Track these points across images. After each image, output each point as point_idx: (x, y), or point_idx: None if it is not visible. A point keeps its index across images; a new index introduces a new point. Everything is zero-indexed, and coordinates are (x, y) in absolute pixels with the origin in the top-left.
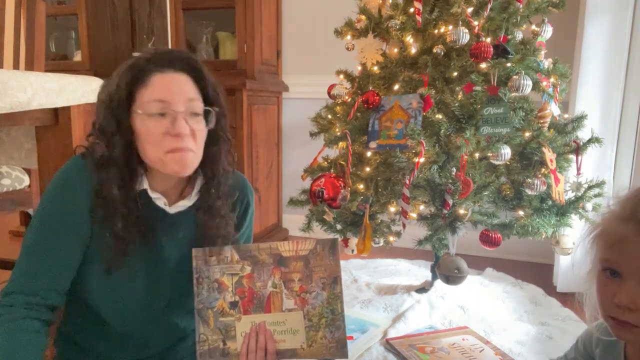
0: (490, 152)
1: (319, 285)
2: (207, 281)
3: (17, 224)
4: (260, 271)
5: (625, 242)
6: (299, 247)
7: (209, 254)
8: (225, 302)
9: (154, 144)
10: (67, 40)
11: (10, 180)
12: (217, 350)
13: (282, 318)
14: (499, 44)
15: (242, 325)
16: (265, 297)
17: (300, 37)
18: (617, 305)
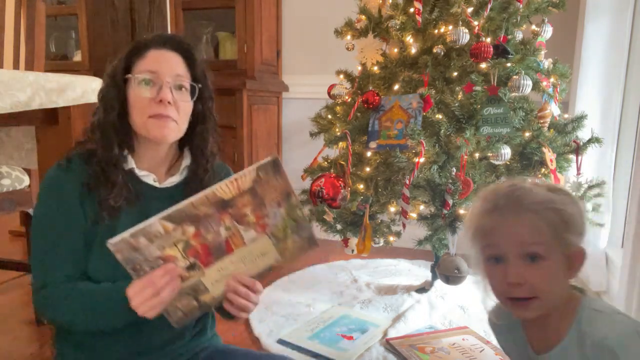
0: (490, 152)
1: (273, 205)
2: (146, 263)
3: (17, 224)
4: (206, 225)
5: (497, 230)
6: (239, 183)
7: (134, 239)
8: (180, 270)
9: (140, 109)
10: (67, 40)
11: (10, 180)
12: (194, 309)
13: (247, 250)
14: (499, 44)
15: (210, 277)
16: (223, 243)
17: (300, 37)
18: (508, 285)
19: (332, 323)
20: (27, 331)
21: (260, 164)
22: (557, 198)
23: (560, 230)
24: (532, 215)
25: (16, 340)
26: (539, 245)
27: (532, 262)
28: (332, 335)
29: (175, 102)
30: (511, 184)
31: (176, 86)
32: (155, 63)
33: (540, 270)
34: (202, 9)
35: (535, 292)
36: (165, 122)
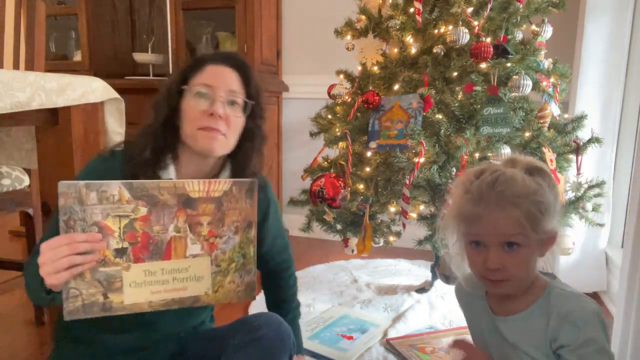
0: (490, 152)
1: (231, 229)
2: (81, 224)
3: (17, 224)
4: (159, 213)
5: (482, 219)
6: (211, 187)
7: (86, 190)
8: (108, 250)
9: (191, 120)
10: (67, 40)
11: (10, 180)
12: (95, 305)
13: (185, 264)
14: (499, 44)
15: (132, 275)
16: (164, 243)
17: (300, 37)
18: (487, 269)
19: (332, 323)
20: (27, 331)
21: (238, 180)
22: (536, 187)
23: (538, 220)
24: (514, 209)
25: (16, 340)
26: (519, 236)
27: (510, 249)
28: (332, 335)
29: (226, 117)
30: (493, 171)
31: (229, 101)
32: (212, 78)
33: (517, 257)
34: (202, 9)
35: (509, 276)
36: (215, 135)
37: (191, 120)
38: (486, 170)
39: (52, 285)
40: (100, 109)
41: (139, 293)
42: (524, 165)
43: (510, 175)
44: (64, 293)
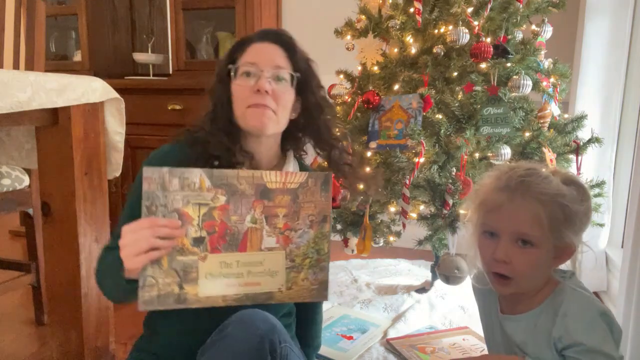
0: (490, 152)
1: (306, 223)
2: (162, 210)
3: (17, 224)
4: (237, 203)
5: (501, 208)
6: (287, 179)
7: (169, 176)
8: (187, 238)
9: (239, 99)
10: (67, 40)
11: (10, 180)
12: (171, 296)
13: (260, 258)
14: (499, 44)
15: (208, 266)
16: (241, 234)
17: (300, 37)
18: (495, 260)
19: (332, 323)
20: (27, 331)
21: (313, 172)
22: (567, 193)
23: (560, 225)
24: (537, 205)
25: (16, 340)
26: (534, 233)
27: (522, 246)
28: (332, 335)
29: (273, 92)
30: (529, 168)
31: (275, 77)
32: (256, 55)
33: (527, 255)
34: (202, 9)
35: (514, 273)
36: (263, 111)
37: (239, 100)
38: (523, 166)
39: (130, 270)
40: (100, 109)
41: (214, 286)
42: (564, 175)
43: (545, 175)
44: (141, 281)
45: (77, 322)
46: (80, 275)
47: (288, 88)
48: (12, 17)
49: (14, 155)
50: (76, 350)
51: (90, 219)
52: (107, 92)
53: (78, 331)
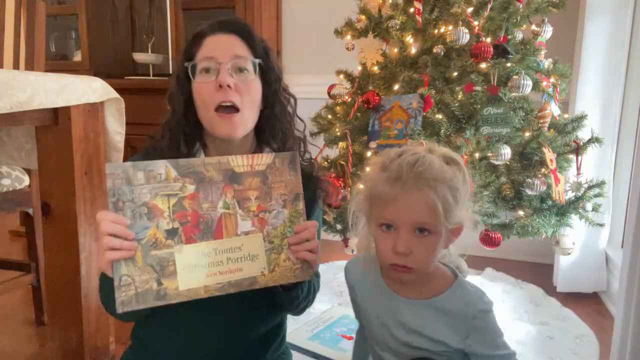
0: (490, 152)
1: (279, 202)
2: (130, 206)
3: (17, 224)
4: (207, 190)
5: (396, 201)
6: (254, 161)
7: (133, 170)
8: (159, 231)
9: (203, 102)
10: (67, 40)
11: (10, 180)
12: (149, 294)
13: (238, 243)
14: (499, 44)
15: (185, 257)
16: (215, 221)
17: (300, 37)
18: (396, 253)
19: (332, 323)
20: (27, 331)
21: (279, 152)
22: (452, 174)
23: (451, 207)
24: (431, 192)
25: (16, 340)
26: (431, 221)
27: (420, 234)
28: (332, 335)
29: (236, 86)
30: (415, 153)
31: (236, 68)
32: (212, 49)
33: (425, 243)
34: (202, 9)
35: (415, 263)
36: (230, 119)
37: (203, 102)
38: (407, 151)
39: (101, 269)
40: (100, 109)
41: (194, 277)
42: (441, 153)
43: (429, 159)
44: (116, 281)
45: (77, 322)
46: (80, 275)
47: (252, 77)
48: (12, 17)
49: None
50: (76, 350)
51: (90, 219)
52: (107, 92)
53: (78, 331)
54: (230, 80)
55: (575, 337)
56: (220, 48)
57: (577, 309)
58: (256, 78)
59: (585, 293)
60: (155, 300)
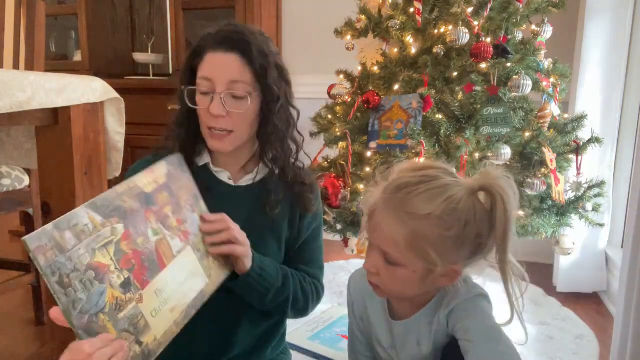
0: (490, 152)
1: (187, 209)
2: (76, 276)
3: (17, 224)
4: (134, 223)
5: (372, 218)
6: (155, 175)
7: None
8: (115, 289)
9: (200, 117)
10: (67, 40)
11: (10, 180)
12: (137, 358)
13: (179, 265)
14: (499, 44)
15: (147, 303)
16: (154, 252)
17: (300, 37)
18: (367, 272)
19: (332, 323)
20: (27, 331)
21: (167, 158)
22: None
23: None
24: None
25: (16, 340)
26: (393, 254)
27: (386, 264)
28: (332, 335)
29: (229, 114)
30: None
31: (230, 95)
32: (210, 70)
33: (392, 272)
34: (202, 9)
35: (383, 286)
36: (221, 138)
37: (200, 117)
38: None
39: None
40: (100, 109)
41: (163, 319)
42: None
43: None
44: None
45: None
46: None
47: (245, 105)
48: (12, 17)
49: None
50: None
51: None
52: (107, 92)
53: None
54: (222, 111)
55: (575, 337)
56: (217, 71)
57: (577, 309)
58: (252, 101)
59: (585, 293)
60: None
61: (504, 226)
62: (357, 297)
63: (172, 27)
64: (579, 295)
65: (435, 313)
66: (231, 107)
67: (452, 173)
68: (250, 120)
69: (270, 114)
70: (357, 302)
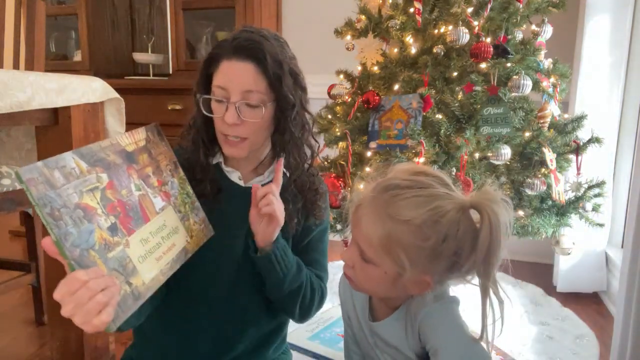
0: (490, 152)
1: (168, 173)
2: (66, 212)
3: (17, 224)
4: (117, 176)
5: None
6: (135, 137)
7: (48, 170)
8: (103, 231)
9: (216, 124)
10: (67, 40)
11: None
12: (128, 297)
13: (161, 221)
14: (499, 44)
15: (134, 250)
16: (137, 205)
17: (300, 37)
18: (344, 261)
19: (332, 323)
20: (27, 331)
21: (147, 125)
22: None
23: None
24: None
25: (16, 340)
26: (368, 252)
27: (362, 260)
28: (332, 335)
29: (243, 122)
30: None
31: (244, 104)
32: (225, 78)
33: (365, 270)
34: (202, 9)
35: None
36: (236, 145)
37: (216, 124)
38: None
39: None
40: (100, 109)
41: (149, 265)
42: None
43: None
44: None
45: None
46: None
47: (259, 114)
48: (12, 17)
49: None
50: (76, 350)
51: None
52: (107, 92)
53: (78, 331)
54: (236, 120)
55: (575, 337)
56: (232, 80)
57: (577, 309)
58: (267, 110)
59: (585, 293)
60: (134, 302)
61: (487, 249)
62: (345, 296)
63: (172, 27)
64: (579, 295)
65: (405, 320)
66: (246, 115)
67: (447, 184)
68: (264, 127)
69: (286, 121)
70: (344, 300)
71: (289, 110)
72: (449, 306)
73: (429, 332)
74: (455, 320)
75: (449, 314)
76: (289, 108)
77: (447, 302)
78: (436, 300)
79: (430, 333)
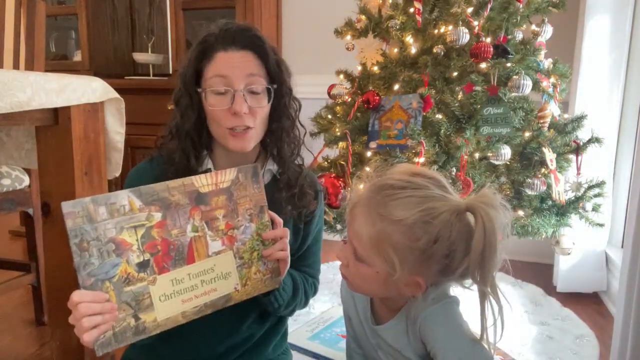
0: (490, 152)
1: (246, 217)
2: (95, 244)
3: (17, 224)
4: (174, 215)
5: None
6: (218, 179)
7: (94, 206)
8: (130, 266)
9: (217, 121)
10: (67, 40)
11: (10, 180)
12: (128, 330)
13: (210, 264)
14: (499, 44)
15: (160, 288)
16: (185, 246)
17: (300, 37)
18: (339, 259)
19: (332, 323)
20: (27, 331)
21: (242, 167)
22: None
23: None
24: (368, 224)
25: (16, 340)
26: (360, 250)
27: (355, 259)
28: (332, 335)
29: (251, 110)
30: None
31: (250, 91)
32: (225, 67)
33: (358, 268)
34: (202, 9)
35: (351, 279)
36: (244, 136)
37: (217, 121)
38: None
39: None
40: (100, 109)
41: (171, 305)
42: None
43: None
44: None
45: None
46: None
47: (264, 101)
48: (12, 17)
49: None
50: (76, 350)
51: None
52: (107, 92)
53: None
54: (245, 108)
55: (575, 337)
56: (234, 68)
57: (577, 309)
58: (266, 99)
59: (585, 293)
60: (134, 336)
61: (480, 253)
62: (346, 296)
63: (172, 27)
64: (579, 295)
65: (406, 323)
66: (252, 103)
67: (443, 186)
68: (265, 115)
69: (283, 107)
70: (345, 300)
71: (287, 96)
72: (448, 307)
73: (429, 334)
74: (454, 321)
75: (449, 314)
76: (287, 93)
77: (447, 303)
78: (435, 301)
79: (430, 335)
